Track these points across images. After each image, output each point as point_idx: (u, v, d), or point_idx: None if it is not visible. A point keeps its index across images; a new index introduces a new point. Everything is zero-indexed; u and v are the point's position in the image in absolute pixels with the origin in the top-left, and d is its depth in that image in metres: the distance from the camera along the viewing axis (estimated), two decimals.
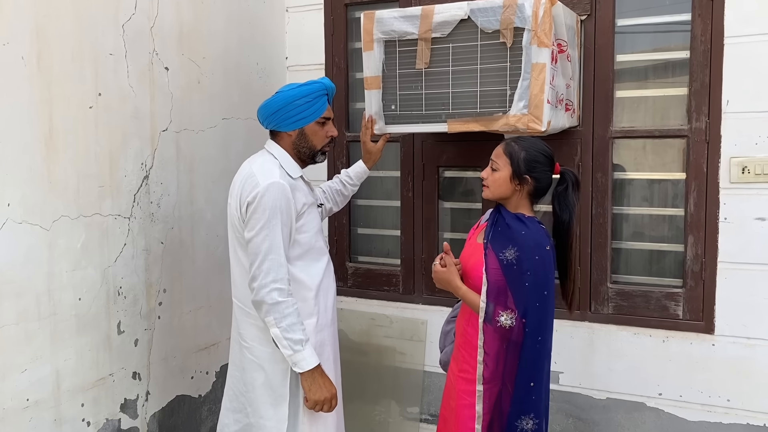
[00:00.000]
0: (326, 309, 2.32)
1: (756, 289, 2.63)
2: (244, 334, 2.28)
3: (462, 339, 2.20)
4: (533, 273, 2.03)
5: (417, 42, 2.51)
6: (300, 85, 2.29)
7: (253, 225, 2.14)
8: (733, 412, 2.70)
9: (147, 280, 2.65)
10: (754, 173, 2.60)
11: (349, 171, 2.68)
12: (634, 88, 2.87)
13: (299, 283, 2.22)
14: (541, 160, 2.13)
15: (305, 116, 2.27)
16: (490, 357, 2.07)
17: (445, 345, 2.47)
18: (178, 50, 2.77)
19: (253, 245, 2.14)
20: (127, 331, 2.57)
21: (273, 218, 2.12)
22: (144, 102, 2.61)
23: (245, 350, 2.28)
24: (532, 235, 2.08)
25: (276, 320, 2.10)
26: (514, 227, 2.11)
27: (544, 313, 2.04)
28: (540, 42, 2.30)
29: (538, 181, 2.12)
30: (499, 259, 2.08)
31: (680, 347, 2.76)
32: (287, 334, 2.11)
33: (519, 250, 2.06)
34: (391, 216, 3.37)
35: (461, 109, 2.47)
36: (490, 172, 2.17)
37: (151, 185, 2.66)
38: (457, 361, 2.23)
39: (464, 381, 2.15)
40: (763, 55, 2.57)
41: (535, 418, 2.04)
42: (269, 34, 3.36)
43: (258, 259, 2.13)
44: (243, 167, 2.30)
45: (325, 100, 2.32)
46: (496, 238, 2.13)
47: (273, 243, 2.12)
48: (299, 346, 2.12)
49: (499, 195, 2.18)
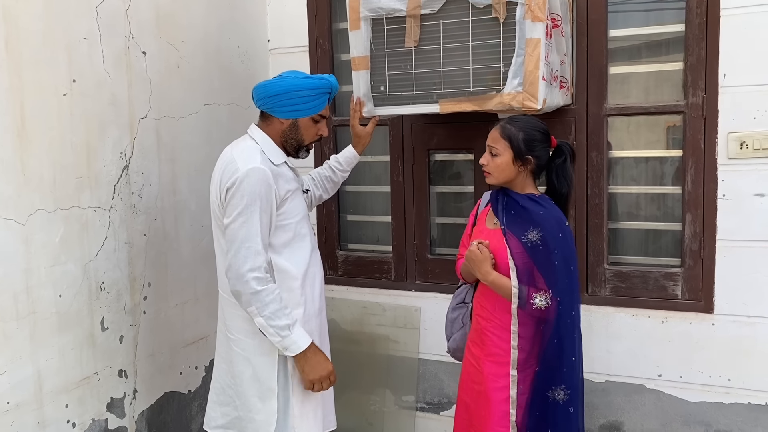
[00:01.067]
0: (313, 298, 2.24)
1: (756, 267, 2.58)
2: (230, 326, 2.21)
3: (489, 323, 2.15)
4: (560, 251, 2.03)
5: (405, 19, 2.41)
6: (307, 77, 2.22)
7: (230, 211, 2.06)
8: (734, 391, 2.66)
9: (130, 274, 2.55)
10: (752, 148, 2.54)
11: (338, 156, 2.59)
12: (628, 64, 2.80)
13: (284, 272, 2.14)
14: (538, 138, 2.11)
15: (303, 108, 2.18)
16: (525, 340, 2.06)
17: (452, 332, 2.42)
18: (156, 34, 2.65)
19: (230, 232, 2.06)
20: (112, 327, 2.47)
21: (251, 204, 2.04)
22: (121, 88, 2.49)
23: (232, 342, 2.20)
24: (551, 214, 2.07)
25: (258, 309, 2.03)
26: (531, 208, 2.08)
27: (573, 288, 2.04)
28: (534, 16, 2.21)
29: (539, 158, 2.11)
30: (522, 242, 2.06)
31: (679, 327, 2.71)
32: (272, 321, 2.04)
33: (542, 231, 2.04)
34: (381, 202, 3.29)
35: (453, 88, 2.39)
36: (490, 158, 2.12)
37: (132, 175, 2.55)
38: (481, 344, 2.17)
39: (495, 364, 2.12)
40: (760, 26, 2.50)
41: (566, 389, 2.03)
42: (250, 16, 3.24)
43: (234, 246, 2.05)
44: (224, 153, 2.22)
45: (327, 98, 2.24)
46: (513, 222, 2.09)
47: (250, 230, 2.04)
48: (286, 331, 2.05)
49: (504, 179, 2.14)
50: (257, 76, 3.27)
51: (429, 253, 3.14)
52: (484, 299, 2.18)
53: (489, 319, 2.15)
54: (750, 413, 2.64)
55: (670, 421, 2.76)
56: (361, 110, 2.56)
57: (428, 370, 3.17)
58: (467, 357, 2.26)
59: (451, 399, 3.14)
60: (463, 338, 2.37)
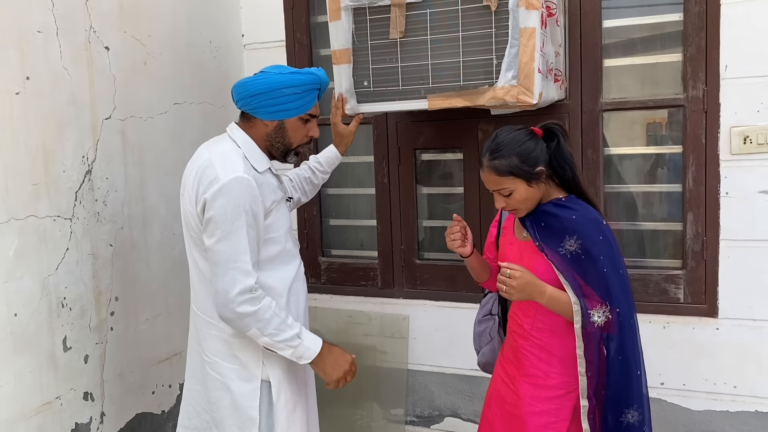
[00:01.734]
0: (298, 316, 2.04)
1: (761, 268, 2.46)
2: (206, 348, 2.00)
3: (526, 341, 1.94)
4: (606, 255, 1.80)
5: (390, 9, 2.24)
6: (292, 72, 1.96)
7: (212, 230, 1.84)
8: (740, 399, 2.53)
9: (95, 288, 2.35)
10: (756, 143, 2.41)
11: (318, 157, 2.40)
12: (624, 56, 2.65)
13: (267, 289, 1.93)
14: (529, 146, 1.83)
15: (290, 108, 1.95)
16: (593, 364, 1.82)
17: (481, 346, 2.24)
18: (120, 27, 2.45)
19: (214, 254, 1.84)
20: (75, 347, 2.26)
21: (236, 220, 1.82)
22: (82, 86, 2.29)
23: (207, 366, 1.99)
24: (584, 216, 1.84)
25: (261, 329, 1.84)
26: (561, 215, 1.85)
27: (628, 293, 1.84)
28: (529, 4, 2.05)
29: (546, 161, 1.85)
30: (560, 255, 1.83)
31: (682, 333, 2.58)
32: (278, 337, 1.86)
33: (580, 237, 1.81)
34: (366, 205, 3.11)
35: (442, 82, 2.22)
36: (505, 200, 1.86)
37: (95, 181, 2.35)
38: (518, 364, 1.97)
39: (533, 386, 1.92)
40: (763, 14, 2.37)
41: (638, 409, 1.83)
42: (223, 9, 3.05)
43: (220, 269, 1.83)
44: (199, 154, 1.98)
45: (316, 95, 2.01)
46: (547, 235, 1.86)
47: (237, 249, 1.82)
48: (297, 341, 1.88)
49: (534, 204, 1.89)
50: (231, 73, 3.08)
51: (417, 258, 2.97)
52: (522, 315, 1.96)
53: (527, 337, 1.94)
54: (757, 421, 2.51)
55: (673, 431, 2.62)
56: (344, 107, 2.38)
57: (418, 381, 3.01)
58: (499, 374, 2.07)
59: (442, 411, 2.98)
60: (492, 352, 2.19)
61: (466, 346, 2.88)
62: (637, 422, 1.83)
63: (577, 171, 1.89)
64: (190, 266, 2.02)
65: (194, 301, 2.04)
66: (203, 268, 1.94)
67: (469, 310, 2.86)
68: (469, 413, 2.94)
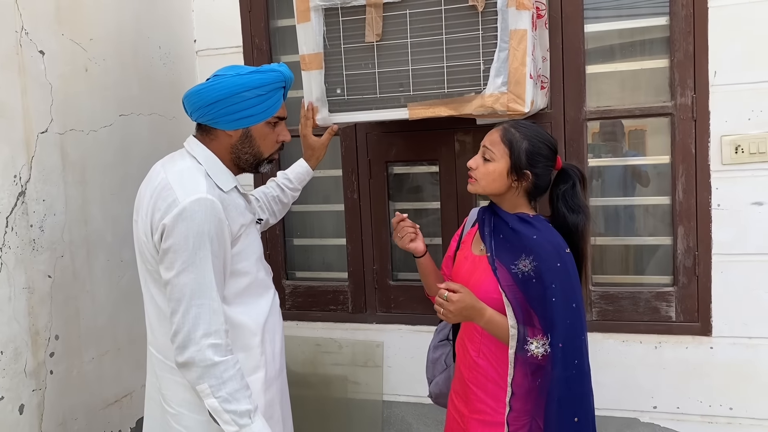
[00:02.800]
0: (274, 357, 1.79)
1: (756, 283, 2.35)
2: (168, 397, 1.72)
3: (470, 374, 1.76)
4: (558, 285, 1.63)
5: (365, 9, 2.03)
6: (252, 72, 1.71)
7: (171, 261, 1.58)
8: (737, 421, 2.41)
9: (32, 326, 2.04)
10: (748, 152, 2.31)
11: (287, 173, 2.16)
12: (607, 62, 2.52)
13: (239, 328, 1.68)
14: (545, 153, 1.73)
15: (254, 113, 1.70)
16: (518, 397, 1.67)
17: (434, 375, 2.05)
18: (57, 29, 2.17)
19: (173, 289, 1.58)
20: (8, 396, 1.95)
21: (200, 249, 1.56)
22: (12, 95, 1.99)
23: (170, 417, 1.72)
24: (546, 239, 1.68)
25: (213, 388, 1.56)
26: (522, 232, 1.70)
27: (577, 330, 1.65)
28: (519, 3, 1.88)
29: (538, 177, 1.72)
30: (511, 273, 1.68)
31: (675, 353, 2.44)
32: (229, 405, 1.57)
33: (536, 260, 1.65)
34: (334, 222, 2.89)
35: (424, 90, 2.02)
36: (481, 162, 1.74)
37: (30, 203, 2.05)
38: (465, 398, 1.80)
39: (479, 423, 1.75)
40: (753, 19, 2.27)
41: None
42: (173, 11, 2.78)
43: (181, 306, 1.57)
44: (154, 173, 1.72)
45: (282, 94, 1.77)
46: (502, 248, 1.72)
47: (202, 283, 1.57)
48: (246, 419, 1.58)
49: (490, 191, 1.76)
50: (182, 81, 2.81)
51: (391, 279, 2.76)
52: (469, 341, 1.79)
53: (471, 368, 1.77)
54: None
55: None
56: (315, 118, 2.16)
57: (393, 413, 2.79)
58: (450, 410, 1.89)
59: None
60: (446, 382, 2.01)
61: None
62: None
63: (589, 223, 1.74)
64: (146, 303, 1.75)
65: (152, 343, 1.76)
66: (162, 305, 1.67)
67: None
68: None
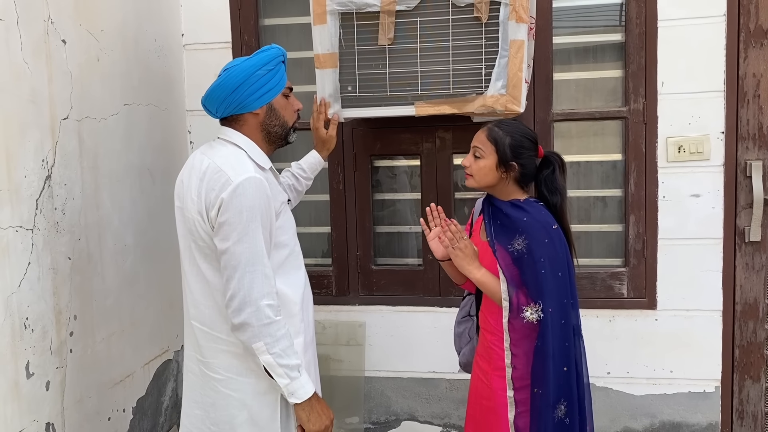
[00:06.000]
0: (309, 324, 1.99)
1: (692, 263, 2.75)
2: (214, 365, 1.87)
3: (493, 336, 2.03)
4: (547, 258, 1.92)
5: (379, 15, 2.25)
6: (255, 54, 1.90)
7: (227, 232, 1.74)
8: (676, 382, 2.81)
9: (56, 306, 2.11)
10: (689, 152, 2.71)
11: (301, 163, 2.35)
12: (571, 70, 2.86)
13: (283, 296, 1.86)
14: (526, 145, 2.00)
15: (272, 87, 1.89)
16: (519, 358, 1.94)
17: (461, 347, 2.29)
18: (75, 19, 2.24)
19: (229, 257, 1.74)
20: (38, 372, 2.02)
21: (252, 221, 1.74)
22: (41, 82, 2.06)
23: (217, 383, 1.86)
24: (535, 218, 1.97)
25: (268, 345, 1.73)
26: (514, 215, 1.98)
27: (564, 295, 1.93)
28: (519, 17, 2.16)
29: (524, 167, 2.00)
30: (509, 252, 1.96)
31: (626, 325, 2.82)
32: (282, 360, 1.75)
33: (527, 238, 1.93)
34: (319, 211, 3.07)
35: (431, 90, 2.27)
36: (473, 160, 2.01)
37: (55, 187, 2.12)
38: (489, 359, 2.05)
39: (503, 379, 2.00)
40: (693, 38, 2.67)
41: (564, 402, 1.93)
42: (165, 5, 2.87)
43: (237, 273, 1.73)
44: (197, 161, 1.86)
45: (284, 67, 1.97)
46: (500, 233, 1.99)
47: (254, 252, 1.74)
48: (296, 373, 1.77)
49: (485, 184, 2.03)
50: (172, 74, 2.91)
51: (373, 264, 2.98)
52: (488, 312, 2.07)
53: (493, 332, 2.05)
54: (690, 401, 2.80)
55: (618, 416, 2.85)
56: (327, 112, 2.35)
57: (374, 387, 3.01)
58: (476, 371, 2.15)
59: (399, 416, 3.01)
60: (471, 352, 2.26)
61: (423, 349, 2.95)
62: (564, 415, 1.95)
63: (566, 201, 2.04)
64: (191, 280, 1.88)
65: (195, 317, 1.89)
66: (211, 278, 1.82)
67: (428, 313, 2.94)
68: (426, 415, 2.99)
